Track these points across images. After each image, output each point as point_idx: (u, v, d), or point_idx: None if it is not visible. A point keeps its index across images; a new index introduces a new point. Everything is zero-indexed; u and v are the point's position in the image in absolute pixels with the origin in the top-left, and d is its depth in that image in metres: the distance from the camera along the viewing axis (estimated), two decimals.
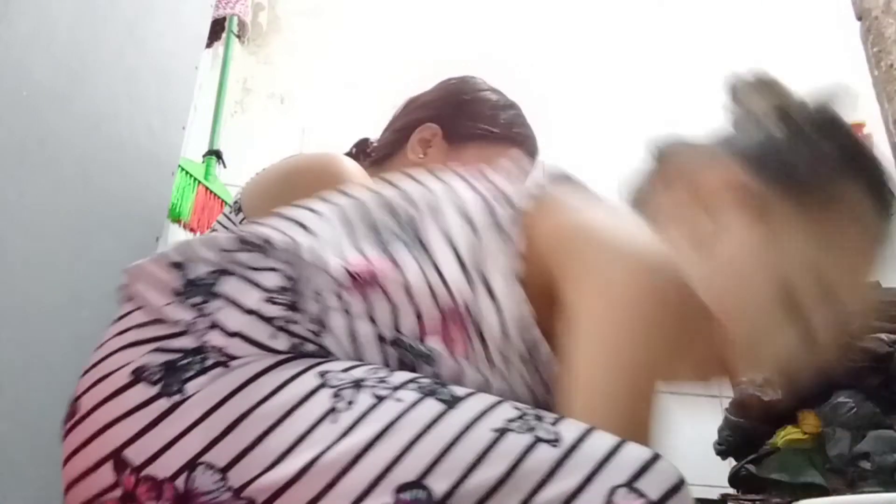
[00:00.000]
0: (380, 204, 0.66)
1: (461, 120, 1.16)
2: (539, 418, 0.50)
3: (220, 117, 2.18)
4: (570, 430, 0.49)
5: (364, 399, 0.50)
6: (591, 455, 0.47)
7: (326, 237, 0.61)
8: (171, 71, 1.18)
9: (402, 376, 0.53)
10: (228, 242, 0.58)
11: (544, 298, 0.62)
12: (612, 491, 0.45)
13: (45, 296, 0.83)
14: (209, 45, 2.15)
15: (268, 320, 0.54)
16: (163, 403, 0.51)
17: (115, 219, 1.06)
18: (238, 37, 2.33)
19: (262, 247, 0.58)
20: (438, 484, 0.45)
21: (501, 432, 0.48)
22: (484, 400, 0.51)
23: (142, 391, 0.52)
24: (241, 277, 0.56)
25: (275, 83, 2.73)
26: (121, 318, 0.59)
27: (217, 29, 2.17)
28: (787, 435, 1.82)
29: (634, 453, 0.48)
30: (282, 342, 0.54)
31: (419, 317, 0.59)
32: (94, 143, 0.98)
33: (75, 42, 0.92)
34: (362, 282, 0.58)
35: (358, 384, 0.51)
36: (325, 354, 0.56)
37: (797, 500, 1.57)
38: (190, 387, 0.51)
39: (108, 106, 1.02)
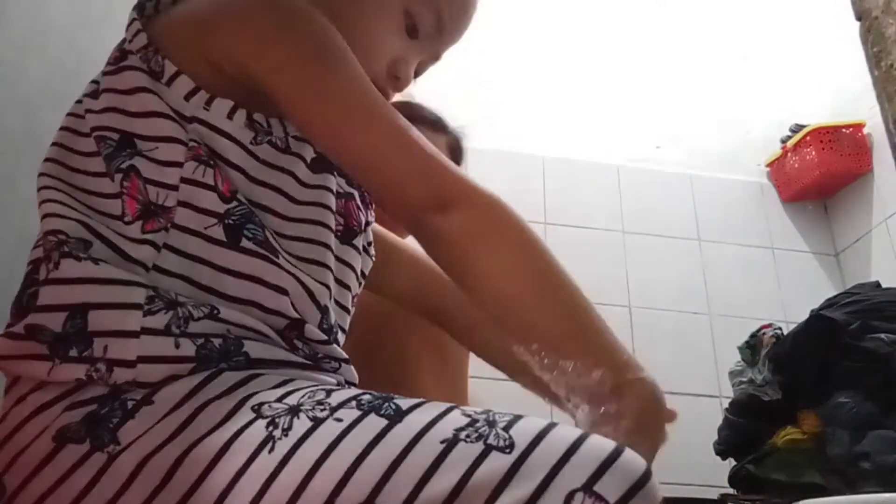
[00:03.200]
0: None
1: None
2: (491, 423, 0.47)
3: None
4: (524, 432, 0.46)
5: (301, 424, 0.48)
6: (546, 458, 0.44)
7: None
8: None
9: (342, 395, 0.51)
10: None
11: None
12: (570, 496, 0.43)
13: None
14: None
15: (165, 333, 0.53)
16: (98, 458, 0.49)
17: None
18: None
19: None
20: (391, 501, 0.44)
21: (451, 443, 0.46)
22: (432, 410, 0.49)
23: (72, 452, 0.50)
24: (105, 307, 0.53)
25: None
26: (8, 388, 0.56)
27: None
28: (787, 435, 1.81)
29: (593, 451, 0.45)
30: (187, 347, 0.53)
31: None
32: None
33: (71, 43, 0.92)
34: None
35: (294, 410, 0.49)
36: (235, 341, 0.55)
37: (797, 500, 1.57)
38: (122, 435, 0.50)
39: None
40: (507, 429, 0.47)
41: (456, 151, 1.36)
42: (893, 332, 1.73)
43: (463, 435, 0.46)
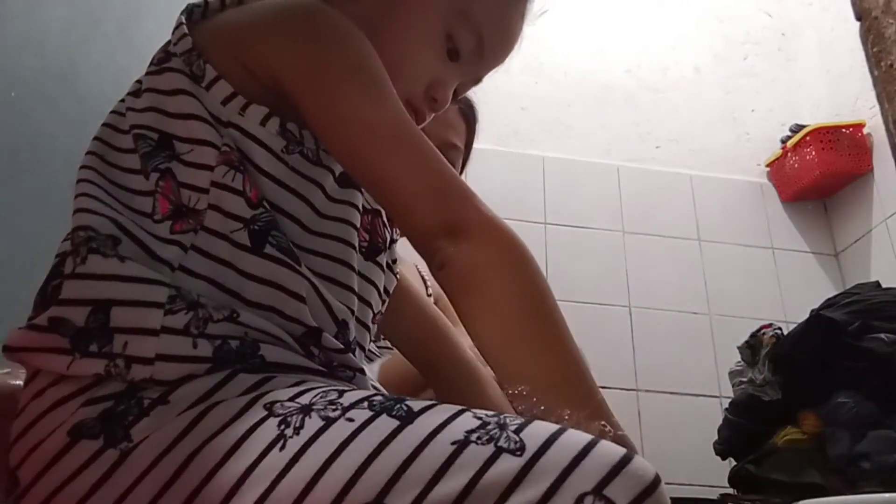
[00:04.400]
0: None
1: None
2: (502, 426, 0.47)
3: None
4: (535, 435, 0.46)
5: (312, 423, 0.48)
6: (557, 461, 0.44)
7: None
8: None
9: (354, 396, 0.51)
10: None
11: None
12: (580, 499, 0.43)
13: (34, 298, 0.84)
14: None
15: (183, 333, 0.54)
16: (111, 454, 0.50)
17: None
18: None
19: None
20: (399, 502, 0.44)
21: (462, 444, 0.46)
22: (443, 412, 0.49)
23: (86, 448, 0.51)
24: (127, 304, 0.54)
25: None
26: (27, 382, 0.57)
27: None
28: (787, 435, 1.81)
29: (604, 455, 0.45)
30: (204, 348, 0.54)
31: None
32: (84, 144, 0.98)
33: (66, 44, 0.92)
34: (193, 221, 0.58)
35: (306, 409, 0.50)
36: (252, 343, 0.56)
37: (797, 500, 1.56)
38: (135, 432, 0.50)
39: (98, 107, 1.02)
40: (518, 432, 0.46)
41: (470, 119, 1.31)
42: (893, 332, 1.73)
43: (474, 437, 0.46)
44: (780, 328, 1.99)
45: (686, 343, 2.52)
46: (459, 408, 0.50)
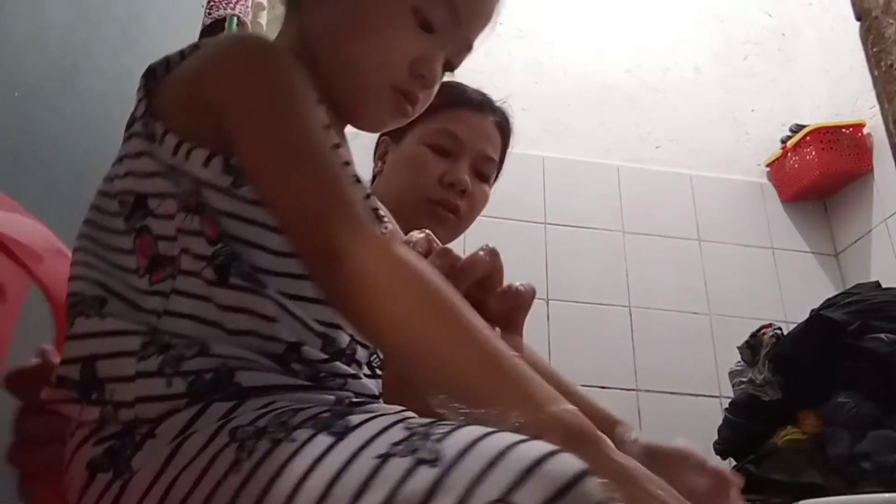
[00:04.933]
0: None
1: None
2: (426, 436, 0.47)
3: None
4: (454, 444, 0.45)
5: (262, 445, 0.51)
6: (470, 470, 0.43)
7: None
8: None
9: (304, 414, 0.53)
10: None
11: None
12: None
13: (35, 297, 0.84)
14: None
15: (157, 374, 0.59)
16: (118, 484, 0.57)
17: None
18: None
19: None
20: None
21: (384, 458, 0.46)
22: (376, 425, 0.50)
23: (101, 480, 0.58)
24: (107, 356, 0.61)
25: None
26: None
27: (217, 29, 2.16)
28: (787, 435, 1.82)
29: (519, 458, 0.43)
30: (178, 385, 0.58)
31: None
32: (86, 144, 0.99)
33: (68, 43, 0.92)
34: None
35: (260, 433, 0.53)
36: (227, 372, 0.59)
37: (797, 500, 1.57)
38: (133, 464, 0.57)
39: (101, 107, 1.02)
40: (439, 440, 0.46)
41: (505, 132, 1.31)
42: (893, 332, 1.73)
43: (396, 449, 0.47)
44: (780, 328, 2.00)
45: (686, 343, 2.52)
46: (395, 418, 0.51)
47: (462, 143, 1.20)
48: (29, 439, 0.70)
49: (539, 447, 0.44)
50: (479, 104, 1.27)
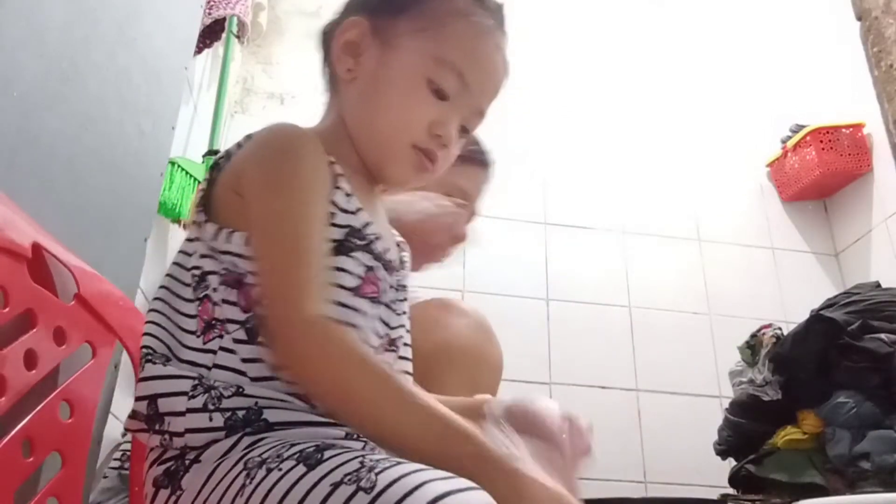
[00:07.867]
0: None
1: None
2: (372, 469, 0.57)
3: (220, 117, 2.18)
4: (387, 476, 0.55)
5: (260, 473, 0.63)
6: (393, 497, 0.53)
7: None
8: (161, 71, 1.18)
9: (296, 448, 0.63)
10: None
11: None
12: None
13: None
14: (209, 45, 2.14)
15: (202, 410, 0.71)
16: (172, 500, 0.70)
17: (104, 220, 1.06)
18: (238, 37, 2.31)
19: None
20: None
21: (336, 486, 0.57)
22: (340, 459, 0.60)
23: (162, 495, 0.71)
24: (166, 395, 0.74)
25: (275, 83, 2.74)
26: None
27: (217, 29, 2.16)
28: (787, 435, 1.81)
29: (425, 494, 0.53)
30: (217, 420, 0.70)
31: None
32: (84, 144, 0.98)
33: (66, 43, 0.92)
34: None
35: (261, 462, 0.64)
36: (257, 410, 0.71)
37: (797, 500, 1.57)
38: (183, 483, 0.70)
39: (99, 107, 1.02)
40: (379, 473, 0.56)
41: (486, 164, 1.40)
42: (893, 332, 1.73)
43: (347, 478, 0.57)
44: (780, 328, 1.99)
45: (686, 343, 2.52)
46: (357, 454, 0.60)
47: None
48: None
49: (443, 486, 0.54)
50: (480, 161, 1.34)
